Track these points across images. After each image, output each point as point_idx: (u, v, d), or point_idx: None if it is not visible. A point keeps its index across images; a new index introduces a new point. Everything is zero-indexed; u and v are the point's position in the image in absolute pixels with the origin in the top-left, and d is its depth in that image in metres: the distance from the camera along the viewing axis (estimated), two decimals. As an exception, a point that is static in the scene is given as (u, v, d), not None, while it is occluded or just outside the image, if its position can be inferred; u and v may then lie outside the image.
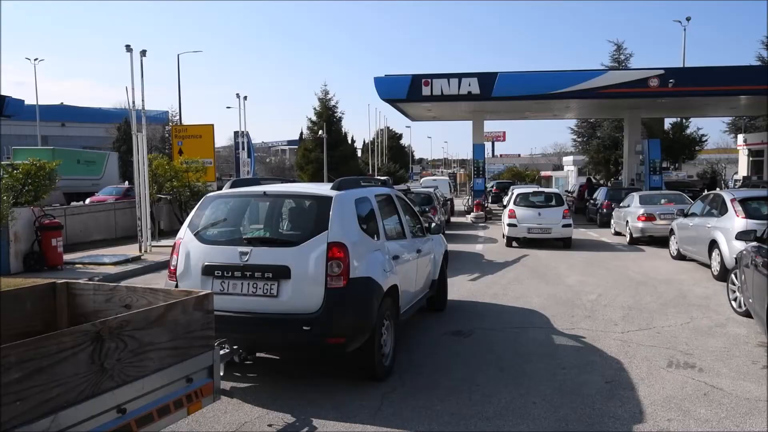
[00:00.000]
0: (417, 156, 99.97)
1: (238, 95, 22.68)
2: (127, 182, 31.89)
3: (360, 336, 4.94)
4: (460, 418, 4.48)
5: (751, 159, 32.38)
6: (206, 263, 5.10)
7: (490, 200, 29.33)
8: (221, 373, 3.99)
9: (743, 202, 10.53)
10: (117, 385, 2.84)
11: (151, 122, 35.55)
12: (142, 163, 13.76)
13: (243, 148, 23.76)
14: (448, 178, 43.18)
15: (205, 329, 3.50)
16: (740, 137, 34.06)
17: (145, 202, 13.73)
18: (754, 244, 6.77)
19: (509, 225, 15.39)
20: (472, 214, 24.51)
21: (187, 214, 5.85)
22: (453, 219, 24.01)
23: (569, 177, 49.29)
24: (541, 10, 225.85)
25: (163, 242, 14.37)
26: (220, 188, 7.03)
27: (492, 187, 36.02)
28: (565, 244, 15.23)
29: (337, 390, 5.05)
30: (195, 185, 17.17)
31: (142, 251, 13.30)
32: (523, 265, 12.12)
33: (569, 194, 31.13)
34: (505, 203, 21.02)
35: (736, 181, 31.91)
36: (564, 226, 15.07)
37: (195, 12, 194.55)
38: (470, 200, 26.87)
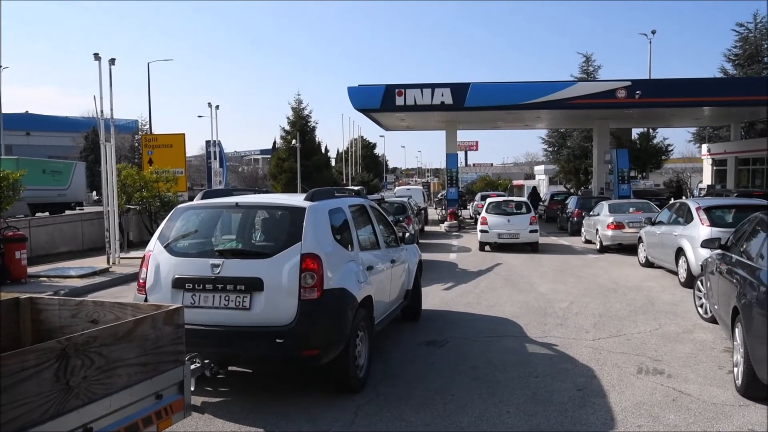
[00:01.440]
0: (391, 165, 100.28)
1: (209, 104, 22.50)
2: (95, 192, 31.23)
3: (334, 348, 4.90)
4: (435, 429, 4.47)
5: (714, 168, 33.25)
6: (177, 276, 5.02)
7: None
8: (192, 389, 3.91)
9: (708, 210, 10.80)
10: (83, 403, 2.76)
11: (120, 131, 34.96)
12: (110, 173, 13.51)
13: (215, 158, 23.54)
14: (421, 187, 43.34)
15: (176, 344, 3.43)
16: (704, 147, 34.95)
17: (113, 212, 13.47)
18: (719, 251, 6.94)
19: (481, 231, 16.59)
20: (445, 223, 24.65)
21: (158, 225, 5.76)
22: (427, 228, 24.09)
23: (540, 186, 49.93)
24: (513, 20, 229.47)
25: (133, 254, 14.11)
26: (191, 198, 6.95)
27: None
28: (532, 248, 16.41)
29: (311, 403, 5.00)
30: (165, 195, 16.92)
31: (110, 263, 13.03)
32: (497, 274, 12.21)
33: (541, 203, 31.60)
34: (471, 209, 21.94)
35: (701, 189, 32.71)
36: (531, 231, 16.32)
37: (165, 20, 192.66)
38: (443, 209, 27.03)
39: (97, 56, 13.12)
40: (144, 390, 3.13)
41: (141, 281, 5.22)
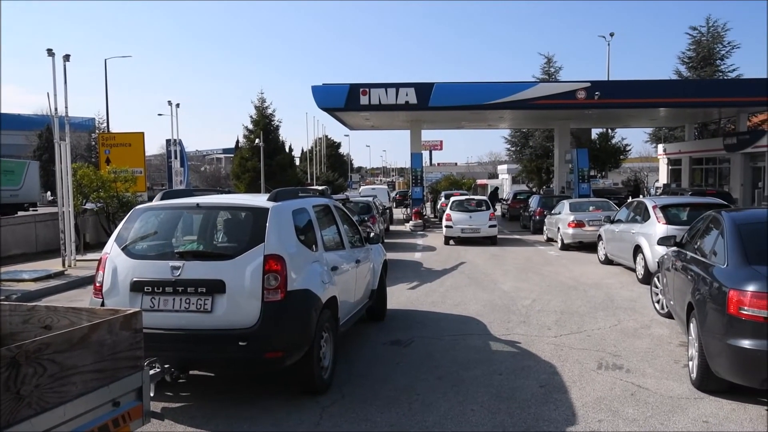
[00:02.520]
0: (356, 164, 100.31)
1: (170, 102, 22.10)
2: (49, 193, 30.30)
3: (298, 349, 4.86)
4: (400, 429, 4.48)
5: (670, 167, 34.28)
6: (135, 279, 4.89)
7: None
8: (151, 394, 3.82)
9: (664, 208, 11.12)
10: (35, 413, 2.65)
11: (75, 129, 34.00)
12: (65, 173, 13.09)
13: (175, 157, 23.11)
14: (386, 186, 43.44)
15: (134, 349, 3.34)
16: (660, 147, 35.98)
17: (68, 213, 13.07)
18: (674, 248, 7.14)
19: (446, 227, 18.30)
20: (410, 222, 24.74)
21: (116, 226, 5.60)
22: (392, 227, 24.14)
23: (503, 185, 50.62)
24: (476, 19, 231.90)
25: (89, 256, 13.71)
26: (151, 198, 6.79)
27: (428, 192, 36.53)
28: (492, 241, 18.11)
29: (275, 406, 4.95)
30: (124, 196, 16.49)
31: (66, 266, 12.64)
32: (461, 273, 12.32)
33: (504, 201, 32.15)
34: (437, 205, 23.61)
35: (657, 188, 33.68)
36: (490, 226, 18.14)
37: (123, 15, 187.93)
38: (408, 209, 27.14)
39: (50, 52, 12.69)
40: (100, 397, 3.03)
41: (97, 285, 5.07)
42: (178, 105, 22.77)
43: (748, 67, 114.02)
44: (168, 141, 25.20)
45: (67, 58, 13.02)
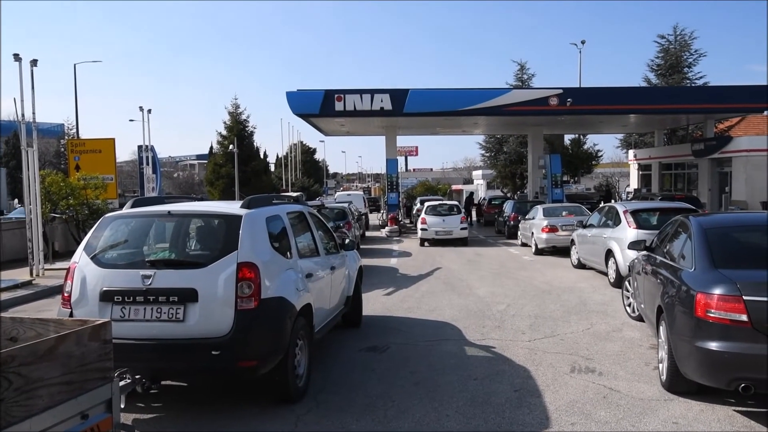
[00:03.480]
0: (332, 170, 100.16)
1: (141, 108, 21.83)
2: (17, 201, 29.70)
3: (273, 358, 4.82)
4: (375, 436, 4.47)
5: (640, 173, 34.97)
6: (105, 288, 4.81)
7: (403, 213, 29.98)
8: (122, 406, 3.75)
9: (635, 213, 11.33)
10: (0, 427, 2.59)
11: (44, 136, 33.29)
12: (33, 180, 12.81)
13: (147, 163, 22.81)
14: (362, 192, 43.41)
15: (103, 360, 3.28)
16: (631, 152, 36.70)
17: (37, 221, 12.78)
18: (645, 252, 7.27)
19: (421, 229, 19.79)
20: (386, 228, 24.76)
21: (85, 234, 5.50)
22: (368, 233, 24.13)
23: (478, 190, 51.02)
24: (450, 26, 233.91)
25: (58, 265, 13.41)
26: (122, 205, 6.68)
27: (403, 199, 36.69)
28: (462, 243, 19.47)
29: (250, 415, 4.90)
30: (94, 203, 16.19)
31: (34, 275, 12.35)
32: (437, 278, 12.36)
33: (482, 201, 32.60)
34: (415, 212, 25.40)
35: (628, 193, 34.33)
36: (461, 229, 19.68)
37: (94, 21, 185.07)
38: (384, 214, 27.18)
39: (17, 57, 12.44)
40: (68, 410, 2.96)
41: (66, 295, 4.97)
42: (149, 111, 22.53)
43: (715, 74, 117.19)
44: (140, 147, 24.86)
45: (34, 63, 12.76)
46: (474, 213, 32.59)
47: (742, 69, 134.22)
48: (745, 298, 4.44)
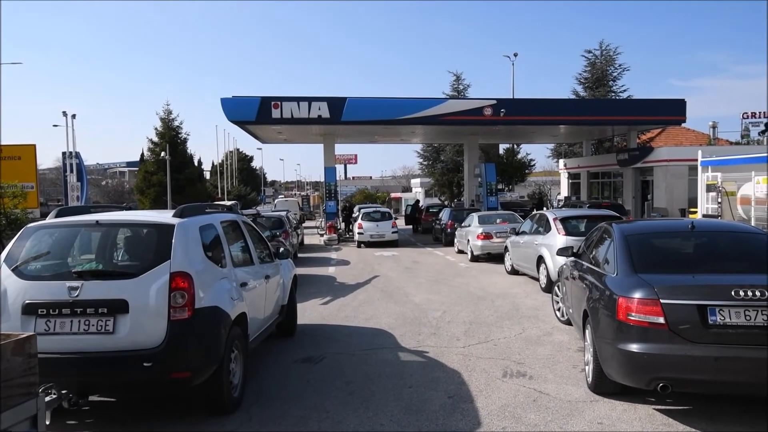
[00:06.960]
0: (270, 178, 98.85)
1: (65, 113, 20.96)
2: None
3: (207, 369, 4.74)
4: (312, 446, 4.45)
5: (570, 181, 36.41)
6: (27, 301, 4.59)
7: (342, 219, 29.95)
8: (48, 422, 3.59)
9: (564, 220, 11.79)
10: None
11: (-41, 139, 31.23)
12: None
13: (72, 171, 21.82)
14: (298, 199, 43.08)
15: (27, 375, 3.14)
16: (561, 162, 38.15)
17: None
18: (572, 258, 7.58)
19: (358, 233, 22.59)
20: (325, 236, 24.68)
21: (3, 246, 5.23)
22: (306, 241, 23.97)
23: (417, 198, 51.62)
24: (389, 35, 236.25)
25: (-25, 276, 12.62)
26: (45, 215, 6.39)
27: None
28: (393, 245, 22.11)
29: (182, 430, 4.77)
30: (12, 213, 15.31)
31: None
32: (374, 286, 12.43)
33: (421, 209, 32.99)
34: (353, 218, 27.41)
35: (559, 201, 35.63)
36: (393, 232, 22.71)
37: (14, 20, 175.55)
38: (323, 222, 27.09)
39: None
40: (-13, 430, 2.83)
41: (-17, 309, 4.71)
42: (74, 116, 21.74)
43: (638, 88, 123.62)
44: (64, 154, 23.77)
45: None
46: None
47: (663, 84, 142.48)
48: (662, 301, 4.70)
